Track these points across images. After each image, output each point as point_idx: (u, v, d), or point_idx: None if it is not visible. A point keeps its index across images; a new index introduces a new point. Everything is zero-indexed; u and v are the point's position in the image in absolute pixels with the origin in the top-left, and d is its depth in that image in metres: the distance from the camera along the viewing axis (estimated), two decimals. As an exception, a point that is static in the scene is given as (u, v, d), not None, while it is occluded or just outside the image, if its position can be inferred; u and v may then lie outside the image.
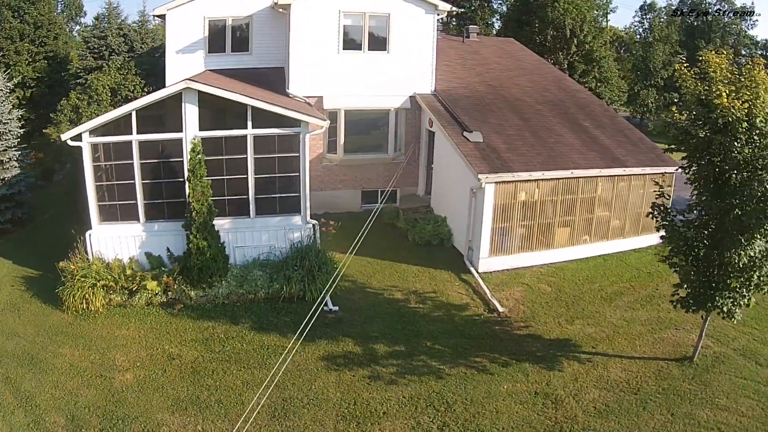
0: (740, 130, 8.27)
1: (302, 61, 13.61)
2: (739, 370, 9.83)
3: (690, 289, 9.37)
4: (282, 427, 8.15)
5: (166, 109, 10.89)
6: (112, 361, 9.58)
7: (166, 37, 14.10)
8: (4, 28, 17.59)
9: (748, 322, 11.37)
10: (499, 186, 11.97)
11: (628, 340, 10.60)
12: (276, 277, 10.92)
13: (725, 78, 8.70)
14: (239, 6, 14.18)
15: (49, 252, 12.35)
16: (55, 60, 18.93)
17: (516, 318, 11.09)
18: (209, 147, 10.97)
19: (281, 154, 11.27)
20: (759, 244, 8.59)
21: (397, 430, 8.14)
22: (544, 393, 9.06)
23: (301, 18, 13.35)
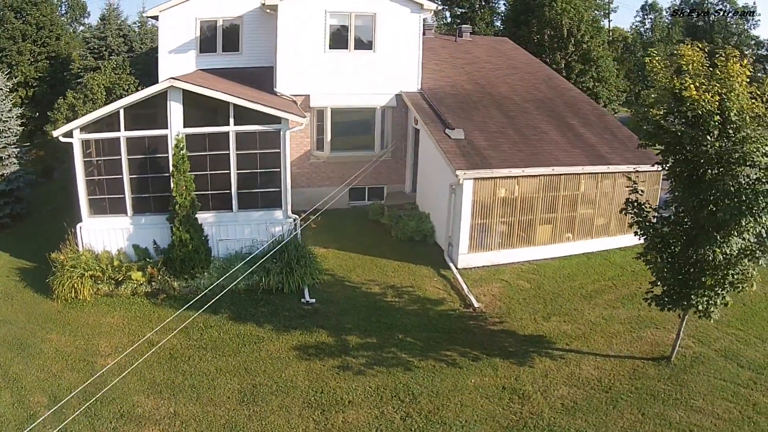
0: (712, 123, 8.29)
1: (289, 61, 14.23)
2: (719, 371, 9.91)
3: (665, 286, 9.44)
4: (249, 412, 8.66)
5: (153, 107, 11.55)
6: (95, 346, 10.24)
7: (159, 38, 14.84)
8: (6, 29, 18.57)
9: (732, 323, 11.52)
10: (478, 182, 12.38)
11: (604, 338, 10.77)
12: (256, 270, 11.48)
13: (697, 71, 8.69)
14: (230, 7, 14.87)
15: (45, 245, 13.06)
16: (57, 60, 19.88)
17: (491, 313, 11.43)
18: (194, 143, 11.60)
19: (262, 150, 11.87)
20: (736, 242, 8.58)
21: (361, 419, 8.54)
22: (511, 388, 9.30)
23: (288, 18, 13.96)
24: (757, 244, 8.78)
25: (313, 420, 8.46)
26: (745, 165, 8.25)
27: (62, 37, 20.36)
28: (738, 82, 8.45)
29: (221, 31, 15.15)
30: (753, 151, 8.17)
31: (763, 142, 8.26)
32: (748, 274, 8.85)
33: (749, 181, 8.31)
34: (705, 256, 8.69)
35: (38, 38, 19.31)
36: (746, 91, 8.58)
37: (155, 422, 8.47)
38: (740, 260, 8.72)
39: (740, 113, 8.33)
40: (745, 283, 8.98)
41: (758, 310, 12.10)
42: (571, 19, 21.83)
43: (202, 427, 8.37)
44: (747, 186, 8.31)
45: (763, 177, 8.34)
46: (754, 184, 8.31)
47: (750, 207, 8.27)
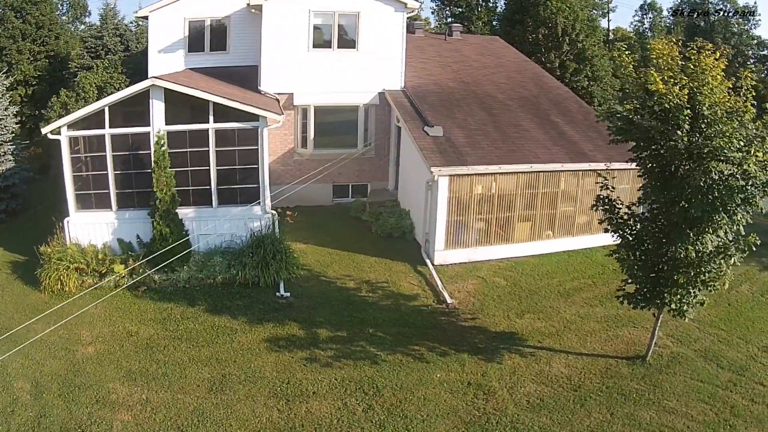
0: (681, 117, 8.25)
1: (273, 59, 14.75)
2: (697, 372, 9.94)
3: (637, 284, 9.50)
4: (217, 400, 9.14)
5: (136, 105, 12.12)
6: (77, 336, 10.83)
7: (149, 38, 15.49)
8: (6, 28, 19.42)
9: (715, 323, 11.69)
10: (454, 179, 12.77)
11: (578, 337, 10.93)
12: (233, 264, 12.04)
13: (668, 65, 8.69)
14: (217, 7, 15.45)
15: (38, 239, 13.65)
16: (56, 59, 20.71)
17: (464, 310, 11.75)
18: (175, 140, 12.18)
19: (241, 147, 12.41)
20: (710, 239, 8.61)
21: (323, 410, 8.90)
22: (477, 384, 9.52)
23: (273, 18, 14.49)
24: (733, 242, 8.80)
25: (277, 409, 8.90)
26: (717, 160, 8.24)
27: (62, 36, 21.22)
28: (711, 75, 8.41)
29: (209, 30, 15.75)
30: (723, 146, 8.16)
31: (736, 137, 8.25)
32: (721, 272, 8.84)
33: (722, 176, 8.29)
34: (677, 254, 8.74)
35: (38, 37, 20.15)
36: (723, 85, 8.48)
37: (128, 408, 9.01)
38: (713, 258, 8.72)
39: (712, 107, 8.29)
40: (717, 281, 8.95)
41: (743, 311, 12.29)
42: (565, 18, 22.07)
43: (171, 414, 8.88)
44: (719, 182, 8.29)
45: (736, 173, 8.33)
46: (726, 179, 8.29)
47: (723, 203, 8.30)
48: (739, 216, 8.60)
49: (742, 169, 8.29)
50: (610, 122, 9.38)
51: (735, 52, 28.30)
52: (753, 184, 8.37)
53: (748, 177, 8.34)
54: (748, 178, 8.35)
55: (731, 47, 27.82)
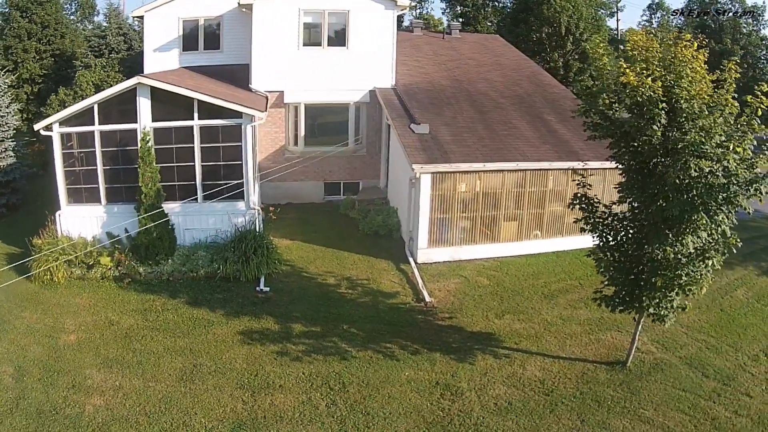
0: (656, 111, 8.04)
1: (264, 58, 15.24)
2: (680, 380, 9.78)
3: (615, 287, 9.37)
4: (185, 389, 9.50)
5: (124, 103, 12.66)
6: (62, 324, 11.36)
7: (145, 37, 16.15)
8: (12, 27, 20.39)
9: (705, 329, 11.56)
10: (437, 176, 13.01)
11: (557, 339, 10.92)
12: (216, 258, 12.50)
13: (642, 56, 8.49)
14: (211, 7, 16.03)
15: (34, 232, 14.45)
16: (62, 58, 21.63)
17: (442, 308, 11.88)
18: (162, 137, 12.72)
19: (225, 144, 12.88)
20: (690, 240, 8.40)
21: (287, 403, 9.12)
22: (445, 384, 9.55)
23: (263, 17, 14.98)
24: (712, 243, 8.56)
25: (242, 400, 9.20)
26: (695, 156, 8.06)
27: (67, 36, 22.14)
28: (690, 67, 8.21)
29: (203, 30, 16.36)
30: (699, 141, 7.99)
31: (716, 132, 8.09)
32: (698, 276, 8.63)
33: (701, 174, 8.09)
34: (654, 255, 8.58)
35: (43, 36, 21.09)
36: (707, 79, 8.28)
37: (101, 393, 9.45)
38: (692, 261, 8.53)
39: (689, 100, 8.06)
40: (694, 285, 8.75)
41: (736, 317, 12.13)
42: (569, 17, 22.13)
43: (141, 400, 9.29)
44: (698, 179, 8.10)
45: (716, 170, 8.12)
46: (706, 177, 8.10)
47: (703, 202, 8.11)
48: (720, 216, 8.34)
49: (722, 166, 8.13)
50: (585, 118, 9.27)
51: (744, 53, 27.89)
52: (734, 182, 8.15)
53: (729, 174, 8.17)
54: (729, 176, 8.16)
55: (740, 48, 27.49)
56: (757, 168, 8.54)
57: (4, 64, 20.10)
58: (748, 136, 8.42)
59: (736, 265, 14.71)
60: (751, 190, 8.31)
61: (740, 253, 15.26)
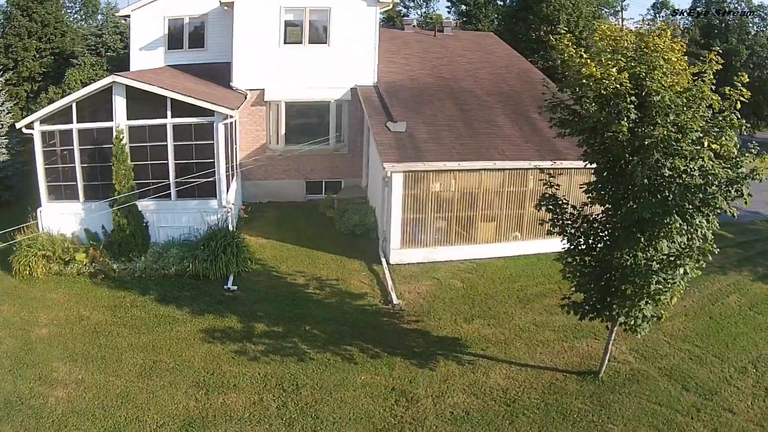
0: (622, 105, 7.68)
1: (245, 56, 15.53)
2: (657, 393, 9.45)
3: (584, 293, 9.07)
4: (143, 385, 9.79)
5: (101, 101, 13.08)
6: (36, 318, 11.80)
7: (131, 36, 16.64)
8: (13, 26, 21.21)
9: (690, 338, 11.26)
10: (409, 175, 13.05)
11: (528, 346, 10.73)
12: (186, 256, 12.83)
13: (610, 47, 8.22)
14: (196, 5, 16.41)
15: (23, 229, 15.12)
16: (61, 56, 22.39)
17: (410, 311, 11.85)
18: (137, 135, 13.09)
19: (198, 142, 13.20)
20: (664, 245, 8.04)
21: (239, 403, 9.27)
22: (401, 390, 9.49)
23: (244, 14, 15.26)
24: (685, 249, 8.22)
25: (195, 398, 9.42)
26: (667, 154, 7.69)
27: (68, 34, 22.90)
28: (664, 58, 7.87)
29: (188, 28, 16.77)
30: (670, 138, 7.62)
31: (691, 127, 7.73)
32: (669, 284, 8.28)
33: (676, 173, 7.73)
34: (623, 261, 8.22)
35: (43, 35, 21.88)
36: (686, 72, 7.99)
37: (64, 386, 9.84)
38: (665, 268, 8.19)
39: (660, 93, 7.67)
40: (663, 294, 8.41)
41: (726, 325, 11.83)
42: (568, 14, 21.91)
43: (100, 394, 9.63)
44: (671, 179, 7.75)
45: (692, 169, 7.72)
46: (680, 177, 7.73)
47: (679, 204, 7.75)
48: (698, 220, 7.95)
49: (698, 164, 7.71)
50: (553, 113, 8.96)
51: (750, 53, 27.32)
52: (711, 183, 7.75)
53: (706, 174, 7.77)
54: (706, 176, 7.76)
55: (746, 48, 26.90)
56: (742, 167, 8.13)
57: (4, 62, 20.91)
58: (726, 132, 8.00)
59: (730, 269, 14.44)
60: (731, 191, 7.94)
61: (736, 257, 15.31)
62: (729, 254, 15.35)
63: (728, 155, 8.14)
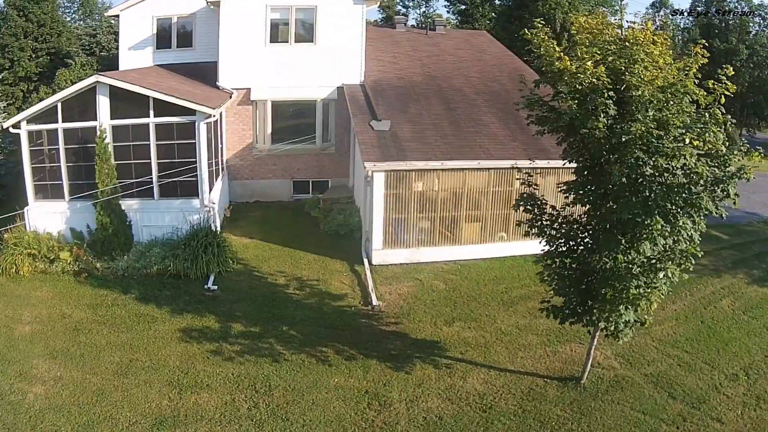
0: (599, 101, 7.47)
1: (231, 55, 15.72)
2: (641, 401, 9.25)
3: (563, 297, 8.92)
4: (118, 383, 9.94)
5: (86, 100, 13.34)
6: (20, 315, 12.03)
7: (120, 36, 16.91)
8: (9, 26, 21.64)
9: (679, 343, 10.92)
10: (391, 174, 13.11)
11: (509, 350, 10.63)
12: (168, 255, 13.04)
13: (588, 40, 8.08)
14: (184, 4, 16.63)
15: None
16: (57, 56, 22.78)
17: (389, 313, 11.82)
18: (120, 134, 13.34)
19: (180, 141, 13.40)
20: (647, 248, 7.80)
21: (210, 403, 9.34)
22: (375, 393, 9.43)
23: (230, 13, 15.44)
24: (667, 252, 7.98)
25: (168, 397, 9.54)
26: (649, 153, 7.47)
27: (64, 34, 23.30)
28: (646, 51, 7.66)
29: (176, 28, 17.00)
30: (648, 134, 7.39)
31: (673, 123, 7.50)
32: (648, 289, 8.05)
33: (657, 172, 7.48)
34: (602, 264, 8.02)
35: (39, 35, 22.29)
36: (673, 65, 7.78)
37: (42, 382, 10.03)
38: (646, 272, 7.97)
39: (639, 87, 7.45)
40: (643, 299, 8.15)
41: (718, 330, 11.59)
42: (565, 13, 21.85)
43: (76, 391, 9.80)
44: (653, 178, 7.50)
45: (673, 167, 7.48)
46: (662, 175, 7.49)
47: (660, 205, 7.51)
48: (681, 221, 7.71)
49: (680, 162, 7.43)
50: (531, 110, 8.76)
51: (750, 53, 27.17)
52: (696, 182, 7.51)
53: (689, 173, 7.51)
54: (690, 174, 7.52)
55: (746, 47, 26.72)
56: (731, 166, 7.88)
57: (0, 62, 21.33)
58: (710, 128, 7.73)
59: (724, 272, 14.32)
60: (717, 190, 7.75)
61: (731, 259, 15.22)
62: (724, 256, 15.28)
63: (716, 153, 7.84)
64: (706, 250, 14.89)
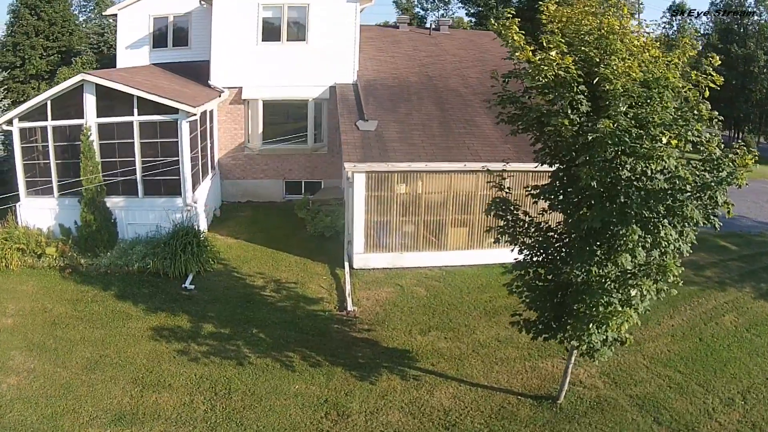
0: (567, 96, 7.10)
1: (223, 53, 16.13)
2: (623, 425, 8.78)
3: (536, 311, 8.62)
4: (86, 377, 10.31)
5: (74, 99, 13.91)
6: (4, 308, 12.55)
7: (117, 35, 17.56)
8: (21, 24, 22.73)
9: (672, 362, 10.47)
10: (372, 176, 13.20)
11: (484, 364, 10.40)
12: (149, 253, 13.46)
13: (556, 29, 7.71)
14: (180, 4, 17.17)
15: (11, 223, 16.19)
16: (68, 55, 23.79)
17: (364, 319, 11.83)
18: (106, 132, 13.87)
19: (163, 140, 13.83)
20: (627, 261, 7.25)
21: (169, 402, 9.57)
22: (334, 402, 9.39)
23: (222, 11, 15.86)
24: (643, 266, 7.44)
25: (130, 395, 9.84)
26: (626, 154, 6.96)
27: (75, 33, 24.32)
28: (624, 40, 7.25)
29: (172, 27, 17.54)
30: (622, 133, 6.82)
31: (652, 120, 6.92)
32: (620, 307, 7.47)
33: (634, 176, 7.01)
34: (573, 277, 7.58)
35: (50, 33, 23.35)
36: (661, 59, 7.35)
37: (16, 374, 10.48)
38: (620, 287, 7.46)
39: (613, 81, 6.94)
40: (611, 319, 7.50)
41: (717, 348, 11.07)
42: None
43: (46, 384, 10.20)
44: (629, 183, 7.01)
45: (653, 170, 6.95)
46: (639, 180, 7.00)
47: (638, 213, 7.02)
48: (663, 232, 7.19)
49: (659, 165, 6.90)
50: (503, 108, 8.43)
51: None
52: (679, 188, 6.98)
53: (671, 177, 7.00)
54: (671, 179, 7.00)
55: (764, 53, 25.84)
56: (724, 171, 7.21)
57: (11, 60, 22.41)
58: (692, 125, 7.21)
59: (729, 285, 13.86)
60: (704, 198, 7.18)
61: (737, 271, 14.77)
62: (730, 268, 14.80)
63: (708, 156, 7.29)
64: (712, 261, 14.94)
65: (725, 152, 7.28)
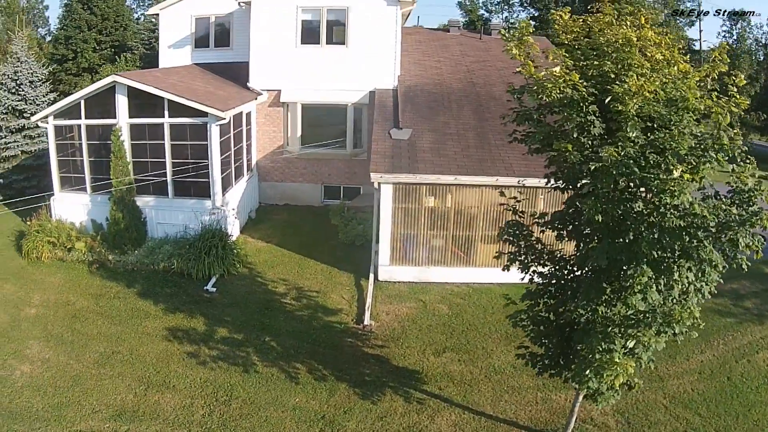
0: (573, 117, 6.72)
1: (261, 55, 16.59)
2: None
3: (540, 346, 8.35)
4: (96, 372, 10.92)
5: (107, 99, 14.58)
6: (30, 298, 13.48)
7: (160, 35, 18.36)
8: (73, 18, 24.14)
9: (694, 403, 10.03)
10: (399, 187, 13.22)
11: (494, 392, 10.29)
12: (175, 253, 14.01)
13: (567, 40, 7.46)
14: (222, 5, 17.78)
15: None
16: (121, 49, 25.10)
17: (379, 334, 11.91)
18: (138, 133, 14.56)
19: (193, 142, 14.35)
20: (639, 302, 6.71)
21: (170, 404, 9.95)
22: (331, 420, 9.53)
23: (261, 13, 16.32)
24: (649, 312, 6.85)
25: (135, 393, 10.33)
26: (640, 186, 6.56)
27: (129, 27, 25.64)
28: (643, 53, 6.86)
29: (213, 27, 18.20)
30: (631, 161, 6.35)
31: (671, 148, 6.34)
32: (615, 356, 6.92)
33: (647, 210, 6.56)
34: (577, 315, 7.22)
35: (103, 28, 24.69)
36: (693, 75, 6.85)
37: (31, 362, 11.21)
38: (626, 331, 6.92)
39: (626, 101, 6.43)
40: (606, 370, 6.98)
41: (744, 390, 10.43)
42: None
43: (57, 374, 10.84)
44: (641, 218, 6.52)
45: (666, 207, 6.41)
46: (651, 215, 6.51)
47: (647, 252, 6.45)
48: (677, 274, 6.66)
49: (672, 201, 6.34)
50: (518, 125, 8.05)
51: None
52: (696, 227, 6.36)
53: (685, 215, 6.41)
54: (685, 216, 6.41)
55: None
56: (755, 205, 6.64)
57: (63, 53, 23.84)
58: (710, 157, 6.55)
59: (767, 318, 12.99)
60: (723, 239, 6.52)
61: None
62: (772, 300, 13.87)
63: (738, 188, 6.70)
64: (754, 290, 14.11)
65: (758, 183, 6.59)
